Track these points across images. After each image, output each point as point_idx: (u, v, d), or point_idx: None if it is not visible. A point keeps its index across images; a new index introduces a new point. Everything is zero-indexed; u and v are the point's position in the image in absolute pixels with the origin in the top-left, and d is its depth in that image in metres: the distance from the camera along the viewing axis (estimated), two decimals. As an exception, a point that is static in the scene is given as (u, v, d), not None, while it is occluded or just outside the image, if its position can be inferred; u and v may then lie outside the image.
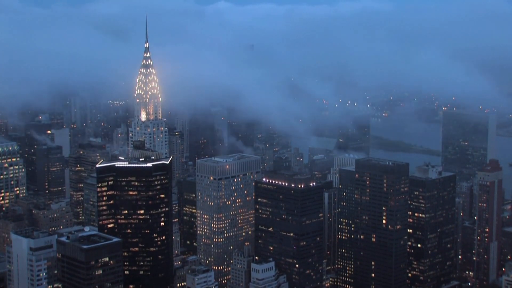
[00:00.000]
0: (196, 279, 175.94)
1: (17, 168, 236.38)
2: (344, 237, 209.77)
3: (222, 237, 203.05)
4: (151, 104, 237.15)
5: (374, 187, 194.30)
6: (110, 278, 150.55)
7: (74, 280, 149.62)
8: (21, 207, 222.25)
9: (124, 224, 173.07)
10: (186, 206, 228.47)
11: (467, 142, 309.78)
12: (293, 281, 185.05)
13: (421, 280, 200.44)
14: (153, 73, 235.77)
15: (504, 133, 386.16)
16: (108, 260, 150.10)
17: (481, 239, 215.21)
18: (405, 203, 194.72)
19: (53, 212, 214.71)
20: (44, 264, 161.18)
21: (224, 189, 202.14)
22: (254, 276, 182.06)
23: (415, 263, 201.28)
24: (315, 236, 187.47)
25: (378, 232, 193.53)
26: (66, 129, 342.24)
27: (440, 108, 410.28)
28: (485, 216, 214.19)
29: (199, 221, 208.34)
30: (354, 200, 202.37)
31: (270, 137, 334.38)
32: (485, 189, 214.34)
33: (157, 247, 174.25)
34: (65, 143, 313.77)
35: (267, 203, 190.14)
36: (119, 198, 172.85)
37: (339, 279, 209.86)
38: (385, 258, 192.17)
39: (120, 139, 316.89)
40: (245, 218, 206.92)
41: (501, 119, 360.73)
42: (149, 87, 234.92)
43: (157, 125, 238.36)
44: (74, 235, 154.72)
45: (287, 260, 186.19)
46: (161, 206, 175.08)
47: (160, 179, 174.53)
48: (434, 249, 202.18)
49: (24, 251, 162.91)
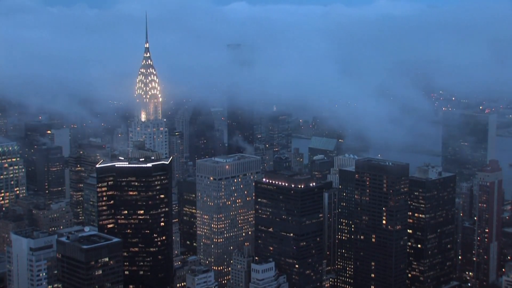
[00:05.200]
0: (196, 279, 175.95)
1: (17, 168, 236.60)
2: (344, 237, 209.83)
3: (222, 237, 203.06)
4: (151, 104, 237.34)
5: (374, 187, 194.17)
6: (110, 278, 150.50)
7: (74, 280, 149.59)
8: (21, 207, 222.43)
9: (124, 224, 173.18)
10: (186, 206, 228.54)
11: (467, 143, 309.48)
12: (293, 281, 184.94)
13: (421, 281, 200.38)
14: (153, 73, 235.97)
15: (504, 133, 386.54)
16: (108, 260, 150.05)
17: (481, 240, 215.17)
18: (405, 204, 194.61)
19: (53, 212, 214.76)
20: (44, 264, 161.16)
21: (224, 189, 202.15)
22: (254, 276, 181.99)
23: (415, 264, 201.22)
24: (315, 237, 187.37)
25: (378, 233, 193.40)
26: (66, 129, 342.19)
27: (440, 108, 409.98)
28: (485, 217, 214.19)
29: (199, 221, 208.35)
30: (354, 200, 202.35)
31: (270, 137, 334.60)
32: (485, 190, 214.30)
33: (157, 247, 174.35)
34: (65, 143, 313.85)
35: (267, 203, 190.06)
36: (119, 198, 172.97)
37: (339, 280, 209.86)
38: (385, 259, 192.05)
39: (120, 139, 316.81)
40: (245, 218, 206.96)
41: (501, 119, 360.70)
42: (149, 87, 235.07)
43: (157, 125, 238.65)
44: (74, 235, 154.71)
45: (287, 261, 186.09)
46: (161, 206, 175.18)
47: (160, 179, 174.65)
48: (434, 250, 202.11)
49: (24, 251, 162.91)
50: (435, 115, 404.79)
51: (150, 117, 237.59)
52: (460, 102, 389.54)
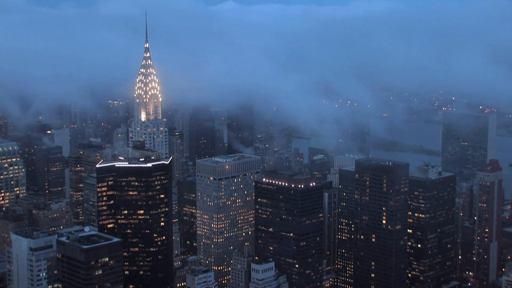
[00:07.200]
0: (196, 279, 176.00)
1: (17, 168, 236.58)
2: (344, 237, 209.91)
3: (222, 237, 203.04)
4: (151, 104, 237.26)
5: (374, 187, 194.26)
6: (110, 278, 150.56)
7: (74, 280, 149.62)
8: (21, 207, 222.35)
9: (124, 224, 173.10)
10: (186, 206, 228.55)
11: (467, 142, 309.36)
12: (293, 281, 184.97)
13: (421, 280, 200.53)
14: (153, 73, 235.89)
15: (504, 133, 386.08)
16: (108, 260, 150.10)
17: (481, 239, 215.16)
18: (405, 203, 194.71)
19: (53, 212, 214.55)
20: (44, 264, 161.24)
21: (224, 189, 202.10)
22: (254, 276, 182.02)
23: (415, 263, 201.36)
24: (315, 236, 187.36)
25: (378, 232, 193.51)
26: (66, 129, 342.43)
27: (440, 108, 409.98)
28: (485, 216, 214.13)
29: (199, 221, 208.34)
30: (354, 200, 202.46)
31: (270, 137, 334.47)
32: (485, 189, 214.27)
33: (157, 247, 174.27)
34: (65, 143, 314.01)
35: (267, 203, 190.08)
36: (119, 198, 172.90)
37: (339, 279, 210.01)
38: (385, 258, 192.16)
39: (120, 139, 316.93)
40: (245, 218, 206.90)
41: (501, 119, 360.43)
42: (149, 87, 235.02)
43: (157, 125, 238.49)
44: (74, 235, 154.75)
45: (287, 260, 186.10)
46: (161, 206, 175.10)
47: (160, 179, 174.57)
48: (434, 249, 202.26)
49: (24, 251, 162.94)
50: (435, 115, 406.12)
51: (150, 117, 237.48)
52: (460, 102, 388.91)
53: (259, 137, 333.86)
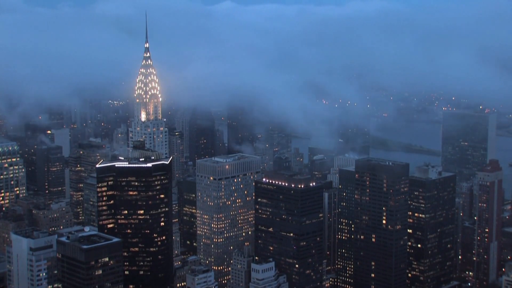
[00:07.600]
0: (196, 279, 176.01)
1: (17, 168, 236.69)
2: (344, 237, 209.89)
3: (222, 237, 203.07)
4: (151, 104, 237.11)
5: (374, 187, 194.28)
6: (110, 278, 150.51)
7: (74, 280, 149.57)
8: (21, 207, 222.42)
9: (124, 224, 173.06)
10: (186, 206, 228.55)
11: (467, 142, 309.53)
12: (293, 281, 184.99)
13: (421, 280, 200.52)
14: (153, 73, 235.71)
15: (504, 133, 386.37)
16: (108, 260, 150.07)
17: (481, 239, 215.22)
18: (405, 203, 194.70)
19: (53, 212, 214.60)
20: (44, 264, 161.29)
21: (224, 189, 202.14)
22: (254, 276, 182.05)
23: (415, 263, 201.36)
24: (315, 236, 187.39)
25: (378, 232, 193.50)
26: (66, 129, 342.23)
27: (440, 108, 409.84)
28: (485, 216, 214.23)
29: (199, 221, 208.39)
30: (354, 200, 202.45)
31: (270, 137, 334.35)
32: (485, 189, 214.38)
33: (157, 247, 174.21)
34: (65, 143, 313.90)
35: (267, 203, 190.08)
36: (119, 198, 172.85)
37: (339, 279, 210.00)
38: (385, 258, 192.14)
39: (120, 139, 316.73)
40: (245, 218, 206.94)
41: (501, 119, 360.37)
42: (149, 87, 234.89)
43: (157, 125, 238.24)
44: (74, 235, 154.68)
45: (287, 260, 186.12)
46: (161, 206, 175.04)
47: (160, 179, 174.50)
48: (434, 249, 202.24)
49: (24, 251, 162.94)
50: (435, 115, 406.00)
51: (150, 117, 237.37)
52: (460, 102, 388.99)
53: (259, 137, 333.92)
